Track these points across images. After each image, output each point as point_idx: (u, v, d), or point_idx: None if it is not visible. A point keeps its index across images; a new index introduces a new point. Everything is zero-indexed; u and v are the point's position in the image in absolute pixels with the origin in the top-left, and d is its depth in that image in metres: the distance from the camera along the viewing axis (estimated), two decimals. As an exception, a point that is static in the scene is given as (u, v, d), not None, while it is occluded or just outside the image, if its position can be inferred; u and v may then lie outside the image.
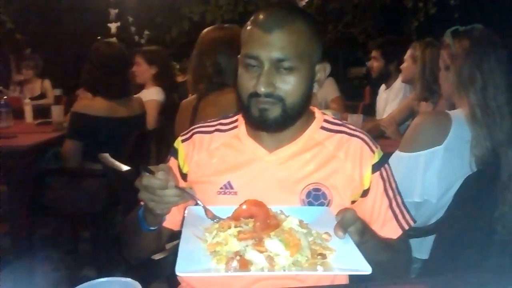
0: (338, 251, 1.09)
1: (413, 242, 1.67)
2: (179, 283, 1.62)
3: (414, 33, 7.01)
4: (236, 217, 1.18)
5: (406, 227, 1.45)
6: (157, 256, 1.70)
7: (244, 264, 1.02)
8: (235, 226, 1.13)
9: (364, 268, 1.00)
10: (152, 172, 1.18)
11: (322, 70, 1.43)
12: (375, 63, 4.24)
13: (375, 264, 1.02)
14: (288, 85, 1.32)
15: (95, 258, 3.43)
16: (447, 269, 1.94)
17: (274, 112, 1.34)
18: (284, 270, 1.02)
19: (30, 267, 3.32)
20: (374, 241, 1.27)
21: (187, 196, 1.23)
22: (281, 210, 1.23)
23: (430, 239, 2.04)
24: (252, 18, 1.40)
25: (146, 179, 1.18)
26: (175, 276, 1.62)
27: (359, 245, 1.10)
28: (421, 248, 2.06)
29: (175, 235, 1.53)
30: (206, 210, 1.25)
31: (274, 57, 1.30)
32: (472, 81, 2.00)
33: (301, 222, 1.17)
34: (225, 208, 1.25)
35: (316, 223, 1.20)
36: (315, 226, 1.18)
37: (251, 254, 1.04)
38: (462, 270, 1.82)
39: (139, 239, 1.48)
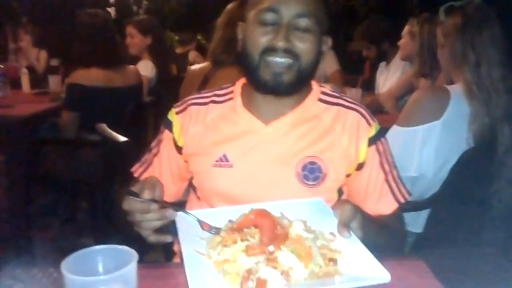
0: (345, 252, 1.05)
1: (408, 216, 1.68)
2: (174, 253, 1.64)
3: (415, 6, 6.93)
4: (239, 227, 1.09)
5: (402, 201, 1.45)
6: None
7: (262, 284, 0.94)
8: (242, 240, 1.04)
9: (383, 275, 0.95)
10: (136, 195, 1.12)
11: (326, 42, 1.44)
12: (366, 52, 4.36)
13: (372, 244, 1.01)
14: (305, 44, 1.32)
15: (92, 227, 3.45)
16: (440, 242, 1.96)
17: (289, 75, 1.33)
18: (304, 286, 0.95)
19: (27, 236, 3.35)
20: (372, 226, 1.25)
21: (174, 215, 1.15)
22: (281, 213, 1.15)
23: (424, 213, 2.05)
24: None
25: (127, 204, 1.14)
26: (170, 245, 1.64)
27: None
28: (416, 222, 2.07)
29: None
30: (200, 222, 1.16)
31: (294, 11, 1.30)
32: (465, 59, 1.98)
33: (305, 224, 1.11)
34: (213, 210, 1.22)
35: (313, 218, 1.15)
36: (314, 223, 1.13)
37: (265, 272, 0.96)
38: (456, 244, 1.84)
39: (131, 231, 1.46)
